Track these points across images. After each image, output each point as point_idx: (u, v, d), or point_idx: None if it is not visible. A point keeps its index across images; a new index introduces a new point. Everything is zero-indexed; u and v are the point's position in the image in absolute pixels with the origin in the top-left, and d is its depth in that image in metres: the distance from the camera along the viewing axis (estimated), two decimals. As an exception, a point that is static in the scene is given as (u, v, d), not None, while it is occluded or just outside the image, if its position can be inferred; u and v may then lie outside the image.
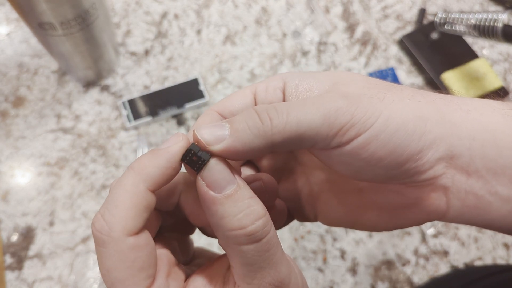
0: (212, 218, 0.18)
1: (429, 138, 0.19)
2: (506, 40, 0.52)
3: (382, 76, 0.59)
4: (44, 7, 0.43)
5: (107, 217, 0.18)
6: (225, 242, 0.18)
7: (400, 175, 0.19)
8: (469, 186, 0.19)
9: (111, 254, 0.17)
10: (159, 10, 0.66)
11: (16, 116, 0.58)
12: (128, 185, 0.18)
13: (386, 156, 0.18)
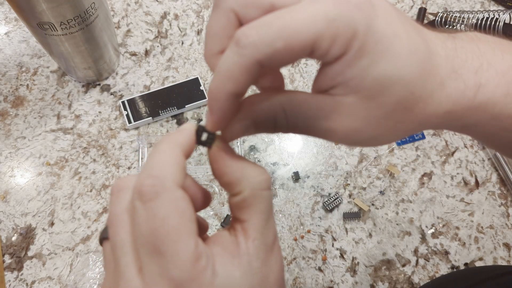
0: (236, 174, 0.21)
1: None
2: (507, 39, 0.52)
3: None
4: (43, 7, 0.43)
5: (155, 173, 0.19)
6: (250, 191, 0.21)
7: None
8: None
9: (166, 203, 0.19)
10: (159, 10, 0.66)
11: (16, 116, 0.58)
12: (167, 148, 0.21)
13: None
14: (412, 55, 0.21)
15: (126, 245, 0.20)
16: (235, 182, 0.21)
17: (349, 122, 0.22)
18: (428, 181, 0.59)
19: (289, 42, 0.18)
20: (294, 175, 0.57)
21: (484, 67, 0.23)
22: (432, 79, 0.22)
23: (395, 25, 0.20)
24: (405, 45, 0.20)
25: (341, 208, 0.56)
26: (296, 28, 0.18)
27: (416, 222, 0.56)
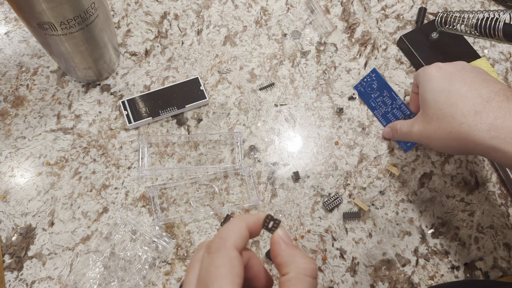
0: (287, 258, 0.27)
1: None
2: (507, 39, 0.52)
3: (368, 84, 0.59)
4: (43, 7, 0.43)
5: (222, 235, 0.27)
6: (295, 275, 0.26)
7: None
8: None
9: (222, 256, 0.25)
10: (159, 10, 0.66)
11: (16, 116, 0.58)
12: (237, 222, 0.28)
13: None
14: (443, 89, 0.45)
15: (191, 283, 0.26)
16: (285, 264, 0.27)
17: (416, 124, 0.49)
18: (428, 181, 0.59)
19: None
20: (294, 175, 0.57)
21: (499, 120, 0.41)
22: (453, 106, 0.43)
23: (445, 77, 0.47)
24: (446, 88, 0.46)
25: (341, 208, 0.56)
26: None
27: (416, 222, 0.56)
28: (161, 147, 0.58)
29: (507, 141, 0.38)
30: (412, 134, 0.49)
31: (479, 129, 0.40)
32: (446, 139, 0.43)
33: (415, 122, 0.48)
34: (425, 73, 0.46)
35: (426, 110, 0.45)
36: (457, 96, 0.42)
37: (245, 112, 0.61)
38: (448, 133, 0.42)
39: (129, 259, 0.51)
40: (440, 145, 0.45)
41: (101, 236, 0.52)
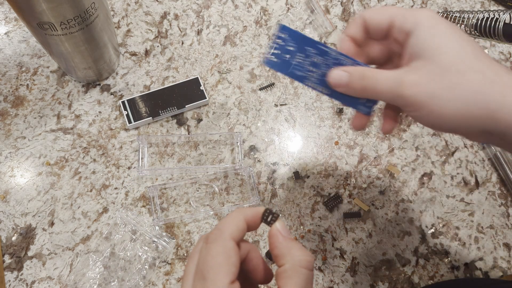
0: (283, 250, 0.28)
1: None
2: (507, 39, 0.52)
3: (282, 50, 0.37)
4: (43, 7, 0.43)
5: (220, 227, 0.28)
6: (291, 266, 0.27)
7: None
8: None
9: (219, 246, 0.26)
10: (159, 10, 0.66)
11: (16, 116, 0.58)
12: (235, 215, 0.29)
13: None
14: (463, 39, 0.30)
15: (190, 273, 0.27)
16: (282, 256, 0.28)
17: (416, 76, 0.30)
18: (428, 181, 0.59)
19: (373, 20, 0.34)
20: (294, 175, 0.57)
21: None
22: (484, 60, 0.29)
23: (450, 25, 0.31)
24: (457, 32, 0.30)
25: (341, 208, 0.56)
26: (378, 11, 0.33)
27: (416, 222, 0.56)
28: (161, 147, 0.58)
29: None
30: (404, 88, 0.30)
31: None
32: (466, 102, 0.28)
33: (408, 71, 0.31)
34: (430, 15, 0.32)
35: (436, 58, 0.30)
36: (482, 51, 0.30)
37: (245, 112, 0.61)
38: (473, 92, 0.28)
39: (129, 259, 0.51)
40: (451, 112, 0.29)
41: (101, 236, 0.52)
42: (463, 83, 0.28)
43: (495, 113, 0.28)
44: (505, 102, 0.27)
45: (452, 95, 0.29)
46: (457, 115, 0.29)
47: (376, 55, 0.36)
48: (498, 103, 0.27)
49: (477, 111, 0.28)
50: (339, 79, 0.34)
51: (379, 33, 0.34)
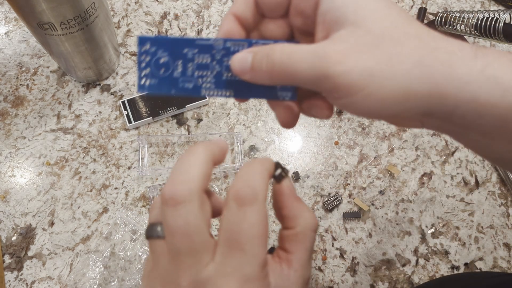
0: (296, 211, 0.25)
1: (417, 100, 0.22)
2: (507, 39, 0.52)
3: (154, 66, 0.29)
4: (43, 7, 0.43)
5: (253, 184, 0.23)
6: (302, 229, 0.25)
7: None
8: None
9: (256, 212, 0.22)
10: (159, 10, 0.66)
11: (16, 116, 0.58)
12: (259, 168, 0.24)
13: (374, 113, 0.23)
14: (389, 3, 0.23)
15: (204, 232, 0.22)
16: (292, 217, 0.25)
17: (342, 47, 0.22)
18: (428, 181, 0.59)
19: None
20: (294, 175, 0.57)
21: (480, 47, 0.23)
22: (418, 26, 0.23)
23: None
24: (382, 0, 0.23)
25: (341, 208, 0.56)
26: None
27: (416, 222, 0.56)
28: (161, 147, 0.58)
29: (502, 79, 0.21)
30: (330, 64, 0.22)
31: (463, 58, 0.21)
32: (409, 77, 0.21)
33: (331, 43, 0.23)
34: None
35: (363, 23, 0.22)
36: (409, 15, 0.24)
37: (245, 112, 0.61)
38: (415, 64, 0.21)
39: (129, 259, 0.51)
40: (392, 92, 0.22)
41: (101, 236, 0.52)
42: (403, 53, 0.22)
43: (441, 88, 0.21)
44: (452, 73, 0.21)
45: (392, 69, 0.21)
46: (398, 95, 0.22)
47: (273, 37, 0.28)
48: (445, 75, 0.21)
49: (421, 87, 0.21)
50: (243, 64, 0.25)
51: (274, 8, 0.26)
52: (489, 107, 0.21)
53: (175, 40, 0.26)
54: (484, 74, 0.21)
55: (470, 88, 0.21)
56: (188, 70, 0.27)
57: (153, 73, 0.27)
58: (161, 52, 0.26)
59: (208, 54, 0.26)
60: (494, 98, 0.21)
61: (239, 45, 0.26)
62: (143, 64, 0.26)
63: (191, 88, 0.27)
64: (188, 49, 0.26)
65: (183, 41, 0.26)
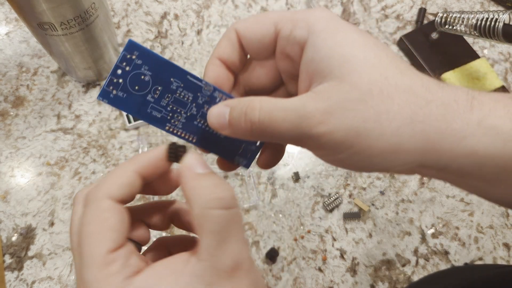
0: (189, 191, 0.21)
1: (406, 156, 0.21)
2: (506, 40, 0.52)
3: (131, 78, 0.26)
4: (43, 7, 0.43)
5: (96, 184, 0.22)
6: (198, 210, 0.20)
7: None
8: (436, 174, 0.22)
9: (91, 210, 0.21)
10: (159, 10, 0.66)
11: (16, 116, 0.58)
12: (120, 166, 0.23)
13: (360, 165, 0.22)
14: (379, 48, 0.21)
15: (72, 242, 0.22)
16: (189, 198, 0.21)
17: (325, 104, 0.20)
18: (428, 181, 0.59)
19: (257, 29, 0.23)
20: (294, 175, 0.57)
21: (476, 92, 0.21)
22: (410, 75, 0.21)
23: (357, 28, 0.22)
24: (371, 39, 0.21)
25: (341, 208, 0.56)
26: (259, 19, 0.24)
27: (416, 222, 0.56)
28: (161, 147, 0.58)
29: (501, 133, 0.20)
30: (311, 125, 0.20)
31: (459, 110, 0.20)
32: (400, 134, 0.20)
33: (313, 99, 0.21)
34: (328, 15, 0.22)
35: (348, 76, 0.20)
36: (401, 60, 0.22)
37: (245, 112, 0.61)
38: (407, 121, 0.20)
39: (129, 259, 0.51)
40: (383, 150, 0.21)
41: (101, 236, 0.52)
42: (393, 109, 0.20)
43: (436, 144, 0.20)
44: (448, 129, 0.20)
45: (381, 128, 0.20)
46: (389, 152, 0.20)
47: (261, 81, 0.26)
48: (440, 131, 0.20)
49: (414, 145, 0.20)
50: (220, 119, 0.23)
51: (261, 50, 0.24)
52: (489, 158, 0.20)
53: (166, 63, 0.24)
54: (481, 126, 0.20)
55: (468, 142, 0.20)
56: (163, 100, 0.24)
57: (126, 86, 0.23)
58: (145, 69, 0.23)
59: (192, 93, 0.25)
60: (494, 150, 0.20)
61: (226, 99, 0.25)
62: (119, 71, 0.23)
63: (158, 118, 0.25)
64: (175, 79, 0.24)
65: (174, 69, 0.24)
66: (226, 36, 0.25)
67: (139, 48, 0.23)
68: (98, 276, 0.20)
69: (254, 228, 0.54)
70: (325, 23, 0.21)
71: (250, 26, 0.24)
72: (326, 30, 0.21)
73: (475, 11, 0.56)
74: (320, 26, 0.21)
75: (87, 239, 0.20)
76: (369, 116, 0.20)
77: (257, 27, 0.24)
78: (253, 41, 0.24)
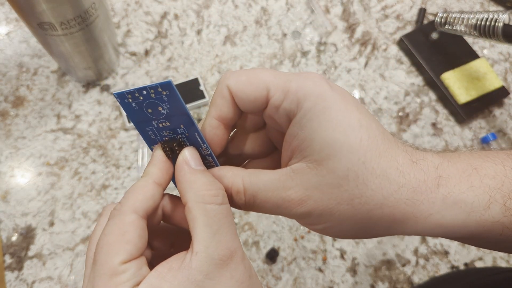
0: (185, 185, 0.23)
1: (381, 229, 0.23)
2: (506, 40, 0.52)
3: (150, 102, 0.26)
4: (43, 7, 0.43)
5: (122, 201, 0.23)
6: (193, 204, 0.22)
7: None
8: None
9: (113, 223, 0.22)
10: (159, 10, 0.66)
11: (16, 116, 0.58)
12: (142, 179, 0.24)
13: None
14: (362, 128, 0.22)
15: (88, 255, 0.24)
16: (183, 192, 0.23)
17: (302, 189, 0.22)
18: (428, 181, 0.59)
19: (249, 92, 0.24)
20: (294, 175, 0.57)
21: (445, 165, 0.23)
22: (388, 157, 0.22)
23: (348, 103, 0.22)
24: (356, 119, 0.22)
25: (341, 208, 0.56)
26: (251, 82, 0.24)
27: (416, 222, 0.56)
28: (161, 147, 0.58)
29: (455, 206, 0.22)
30: (290, 203, 0.23)
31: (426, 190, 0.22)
32: (369, 216, 0.22)
33: (292, 178, 0.23)
34: (319, 88, 0.23)
35: (326, 162, 0.22)
36: (384, 134, 0.23)
37: (245, 112, 0.61)
38: (377, 206, 0.22)
39: (129, 259, 0.51)
40: (353, 226, 0.23)
41: (101, 236, 0.52)
42: (366, 194, 0.22)
43: (402, 224, 0.22)
44: (414, 211, 0.22)
45: (353, 210, 0.22)
46: (360, 227, 0.23)
47: (254, 127, 0.28)
48: (407, 214, 0.22)
49: (382, 225, 0.22)
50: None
51: (253, 109, 0.25)
52: (455, 229, 0.22)
53: (185, 114, 0.25)
54: (446, 202, 0.22)
55: (433, 218, 0.22)
56: (164, 132, 0.26)
57: (141, 104, 0.25)
58: (166, 106, 0.25)
59: (190, 145, 0.26)
60: (459, 221, 0.22)
61: (209, 154, 0.26)
62: (144, 92, 0.24)
63: (151, 139, 0.26)
64: (184, 128, 0.26)
65: (189, 121, 0.25)
66: (219, 94, 0.25)
67: (172, 90, 0.24)
68: (107, 284, 0.20)
69: (254, 228, 0.54)
70: (314, 100, 0.22)
71: (242, 87, 0.24)
72: (313, 109, 0.22)
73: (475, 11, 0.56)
74: (309, 104, 0.22)
75: (104, 247, 0.21)
76: (342, 199, 0.22)
77: (249, 89, 0.24)
78: (245, 101, 0.25)
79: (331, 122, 0.22)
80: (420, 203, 0.22)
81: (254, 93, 0.24)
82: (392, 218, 0.22)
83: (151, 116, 0.25)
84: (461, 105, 0.62)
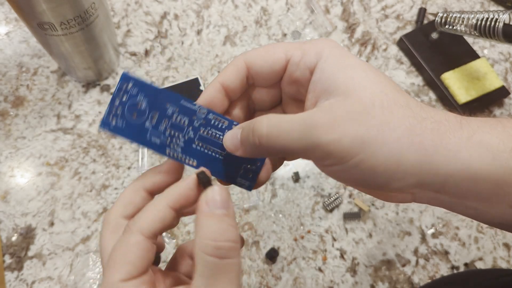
0: (196, 227, 0.22)
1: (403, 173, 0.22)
2: (506, 40, 0.52)
3: (128, 108, 0.27)
4: (43, 7, 0.43)
5: (135, 218, 0.24)
6: (196, 250, 0.22)
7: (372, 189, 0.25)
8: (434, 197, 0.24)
9: (123, 241, 0.23)
10: (159, 10, 0.66)
11: (16, 116, 0.58)
12: (156, 203, 0.24)
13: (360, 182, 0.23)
14: (378, 71, 0.24)
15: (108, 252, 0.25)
16: (195, 231, 0.23)
17: (332, 116, 0.22)
18: (428, 181, 0.59)
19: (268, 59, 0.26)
20: (294, 175, 0.57)
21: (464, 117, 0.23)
22: (406, 96, 0.23)
23: (356, 58, 0.24)
24: (369, 64, 0.24)
25: (341, 208, 0.56)
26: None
27: (416, 222, 0.56)
28: (161, 147, 0.58)
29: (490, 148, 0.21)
30: (319, 133, 0.22)
31: (450, 127, 0.22)
32: (400, 145, 0.21)
33: (320, 111, 0.23)
34: (333, 44, 0.25)
35: (353, 93, 0.22)
36: (395, 83, 0.24)
37: (245, 112, 0.61)
38: (406, 132, 0.21)
39: (129, 259, 0.51)
40: (385, 160, 0.22)
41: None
42: (393, 121, 0.21)
43: (432, 158, 0.21)
44: (442, 142, 0.21)
45: (383, 136, 0.21)
46: (390, 163, 0.21)
47: (259, 104, 0.29)
48: (435, 143, 0.21)
49: (413, 156, 0.21)
50: (234, 141, 0.25)
51: (270, 76, 0.26)
52: (482, 173, 0.21)
53: (160, 91, 0.25)
54: (471, 141, 0.21)
55: (461, 156, 0.21)
56: (161, 125, 0.26)
57: (124, 115, 0.25)
58: (141, 97, 0.25)
59: (187, 117, 0.26)
60: (485, 164, 0.21)
61: (221, 121, 0.26)
62: (117, 101, 0.24)
63: (157, 145, 0.26)
64: (170, 105, 0.26)
65: (168, 95, 0.25)
66: (234, 64, 0.27)
67: (133, 79, 0.24)
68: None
69: (254, 228, 0.54)
70: (331, 50, 0.24)
71: (260, 55, 0.26)
72: (332, 55, 0.24)
73: (475, 11, 0.56)
74: (327, 52, 0.24)
75: (109, 263, 0.23)
76: (372, 126, 0.21)
77: (268, 55, 0.26)
78: (264, 68, 0.26)
79: (350, 63, 0.23)
80: (446, 136, 0.21)
81: (273, 57, 0.25)
82: (422, 148, 0.21)
83: (140, 121, 0.25)
84: (461, 105, 0.62)
